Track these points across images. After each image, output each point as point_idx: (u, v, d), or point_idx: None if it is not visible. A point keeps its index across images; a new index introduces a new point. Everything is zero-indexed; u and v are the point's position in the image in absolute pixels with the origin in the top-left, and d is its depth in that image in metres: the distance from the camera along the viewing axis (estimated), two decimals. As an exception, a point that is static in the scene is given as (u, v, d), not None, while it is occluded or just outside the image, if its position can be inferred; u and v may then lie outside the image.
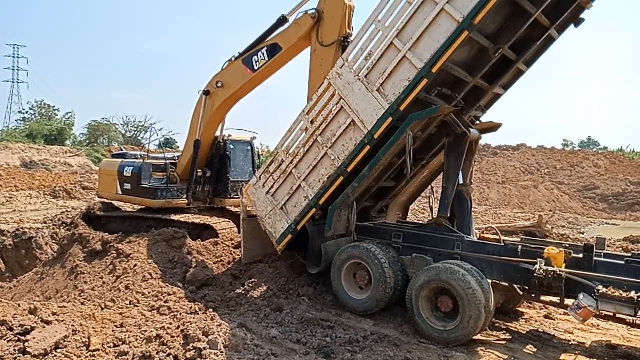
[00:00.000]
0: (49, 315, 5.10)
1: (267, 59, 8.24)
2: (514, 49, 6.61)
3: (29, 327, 4.66)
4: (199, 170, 10.15)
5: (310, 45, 7.81)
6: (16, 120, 56.84)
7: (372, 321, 6.21)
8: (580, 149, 45.32)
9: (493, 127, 7.78)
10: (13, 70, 65.70)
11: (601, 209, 24.95)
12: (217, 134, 10.45)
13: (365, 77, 6.21)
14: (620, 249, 11.25)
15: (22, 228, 11.36)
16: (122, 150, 21.48)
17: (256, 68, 8.41)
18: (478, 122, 7.80)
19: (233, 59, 8.78)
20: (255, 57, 8.37)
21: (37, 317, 5.00)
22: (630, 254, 6.01)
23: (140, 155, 11.17)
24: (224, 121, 10.22)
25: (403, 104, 5.93)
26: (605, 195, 26.17)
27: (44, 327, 4.79)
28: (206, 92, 9.32)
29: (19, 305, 5.35)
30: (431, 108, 6.19)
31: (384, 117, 6.07)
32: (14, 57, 65.58)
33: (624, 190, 26.16)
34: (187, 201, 10.12)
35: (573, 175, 29.88)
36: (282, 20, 7.97)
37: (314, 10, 7.53)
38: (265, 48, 8.24)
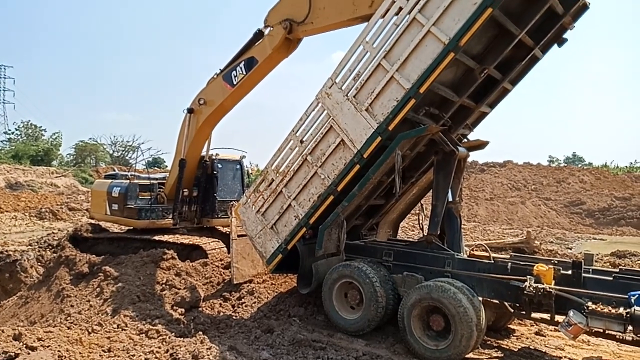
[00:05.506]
0: (34, 341, 4.98)
1: (244, 72, 8.34)
2: (499, 68, 6.74)
3: (13, 354, 4.55)
4: (185, 190, 10.10)
5: (285, 56, 8.01)
6: (1, 141, 56.11)
7: (364, 341, 6.15)
8: (565, 164, 45.95)
9: (480, 145, 7.88)
10: (-1, 90, 65.10)
11: (588, 224, 25.22)
12: (204, 153, 10.44)
13: (354, 97, 6.28)
14: (608, 263, 11.36)
15: (6, 251, 11.14)
16: (113, 170, 21.34)
17: (235, 83, 8.50)
18: (465, 140, 7.91)
19: (215, 75, 8.88)
20: (234, 72, 8.46)
21: (21, 343, 4.88)
22: (617, 269, 6.08)
23: (129, 176, 11.12)
24: (210, 139, 10.23)
25: (391, 123, 6.00)
26: (592, 211, 26.48)
27: (29, 354, 4.68)
28: (190, 110, 9.40)
29: (2, 331, 5.21)
30: (419, 127, 6.26)
31: (373, 137, 6.12)
32: (0, 77, 65.12)
33: (610, 205, 26.50)
34: (172, 221, 10.05)
35: (559, 191, 30.24)
36: (258, 33, 8.06)
37: (286, 22, 7.59)
38: (243, 62, 8.33)
